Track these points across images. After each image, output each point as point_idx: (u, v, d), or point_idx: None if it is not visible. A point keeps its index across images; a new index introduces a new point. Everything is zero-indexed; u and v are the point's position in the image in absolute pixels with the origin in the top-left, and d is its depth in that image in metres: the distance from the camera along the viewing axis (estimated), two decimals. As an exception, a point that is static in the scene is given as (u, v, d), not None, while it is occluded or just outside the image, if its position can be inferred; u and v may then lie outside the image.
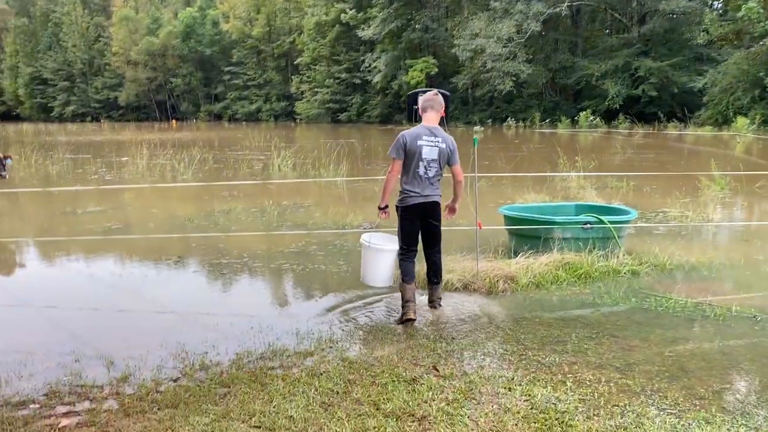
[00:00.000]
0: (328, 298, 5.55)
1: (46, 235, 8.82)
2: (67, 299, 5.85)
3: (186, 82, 68.75)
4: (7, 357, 4.29)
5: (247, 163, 18.22)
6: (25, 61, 76.20)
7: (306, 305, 5.41)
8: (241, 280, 6.38)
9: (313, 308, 5.29)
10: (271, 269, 6.67)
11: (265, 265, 6.86)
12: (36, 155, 19.47)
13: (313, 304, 5.43)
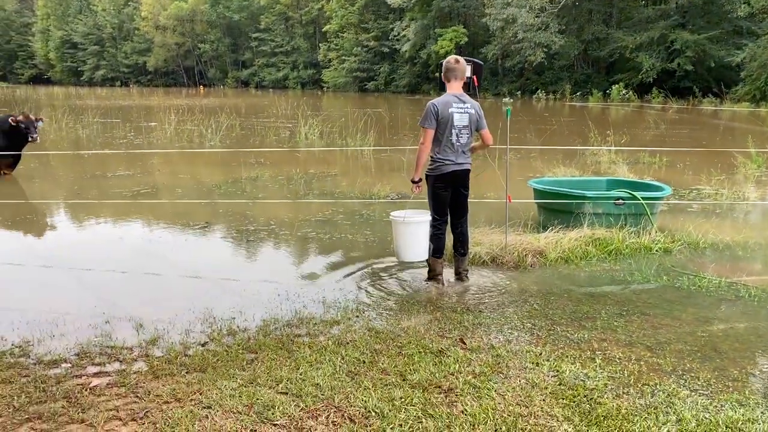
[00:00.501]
0: (354, 267, 5.54)
1: (76, 197, 8.93)
2: (96, 261, 5.91)
3: (214, 48, 68.68)
4: (39, 316, 4.37)
5: (274, 131, 18.19)
6: (56, 24, 76.68)
7: (332, 274, 5.40)
8: (267, 247, 6.40)
9: (338, 277, 5.29)
10: (297, 237, 6.67)
11: (291, 232, 6.86)
12: (66, 119, 19.69)
13: (339, 273, 5.42)
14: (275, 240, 6.64)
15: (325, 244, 6.39)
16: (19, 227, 7.33)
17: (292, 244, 6.49)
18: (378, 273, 5.37)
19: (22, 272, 5.62)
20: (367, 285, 5.06)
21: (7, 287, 5.14)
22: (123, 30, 74.09)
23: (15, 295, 4.92)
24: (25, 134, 9.99)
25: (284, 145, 15.12)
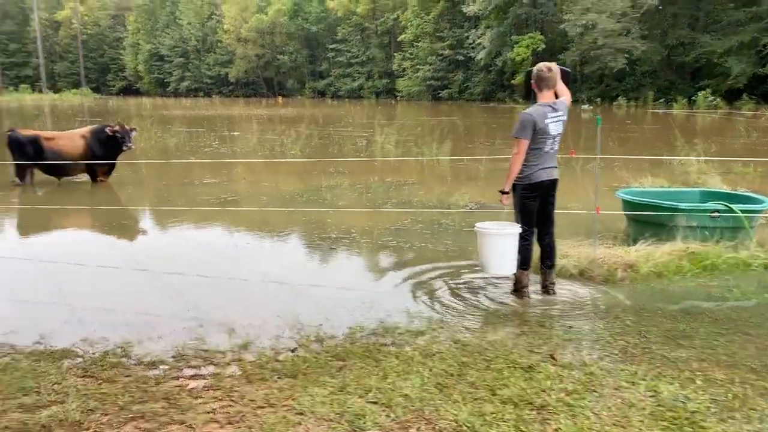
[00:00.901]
0: (436, 277, 5.51)
1: (166, 204, 9.33)
2: (186, 266, 6.15)
3: (292, 59, 70.40)
4: (136, 318, 4.58)
5: (351, 140, 18.46)
6: (145, 38, 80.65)
7: (413, 283, 5.39)
8: (349, 255, 6.47)
9: (420, 287, 5.27)
10: (378, 245, 6.71)
11: (372, 241, 6.91)
12: (155, 128, 20.68)
13: (420, 282, 5.40)
14: (356, 248, 6.71)
15: (405, 253, 6.40)
16: (114, 232, 7.72)
17: (372, 253, 6.53)
18: (460, 284, 5.33)
19: (118, 275, 5.90)
20: (449, 295, 5.03)
21: (105, 289, 5.41)
22: (206, 43, 77.07)
23: (113, 298, 5.17)
24: (120, 143, 10.56)
25: (361, 154, 15.30)
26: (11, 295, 5.33)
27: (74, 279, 5.82)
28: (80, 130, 11.17)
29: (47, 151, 10.48)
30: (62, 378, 3.49)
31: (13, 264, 6.40)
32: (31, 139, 10.53)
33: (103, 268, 6.12)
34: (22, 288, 5.50)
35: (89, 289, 5.44)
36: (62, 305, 4.98)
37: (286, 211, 8.39)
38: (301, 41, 69.93)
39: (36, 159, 10.48)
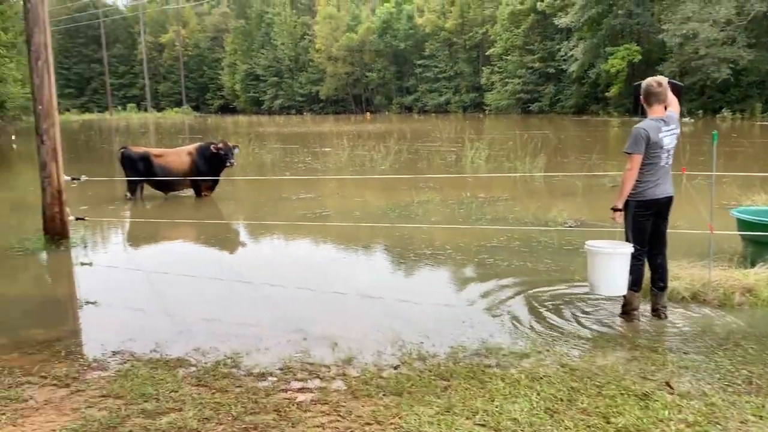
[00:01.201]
0: (537, 296, 5.37)
1: (263, 218, 9.63)
2: (285, 279, 6.31)
3: (380, 76, 71.49)
4: (243, 330, 4.74)
5: (440, 155, 18.46)
6: (242, 59, 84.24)
7: (513, 302, 5.28)
8: (446, 272, 6.43)
9: (522, 306, 5.15)
10: (475, 263, 6.63)
11: (468, 258, 6.84)
12: (252, 145, 21.49)
13: (521, 302, 5.28)
14: (453, 265, 6.66)
15: (504, 271, 6.29)
16: (217, 245, 8.04)
17: (469, 270, 6.46)
18: (564, 304, 5.17)
19: (222, 287, 6.13)
20: (552, 316, 4.88)
21: (211, 300, 5.64)
22: (299, 62, 79.57)
23: (219, 308, 5.37)
24: (224, 160, 11.04)
25: (451, 169, 15.25)
26: (125, 303, 5.66)
27: (182, 289, 6.11)
28: (187, 147, 11.77)
29: (156, 167, 11.11)
30: (178, 386, 3.65)
31: (125, 274, 6.80)
32: (142, 155, 11.20)
33: (208, 280, 6.39)
34: (135, 297, 5.82)
35: (196, 300, 5.68)
36: (173, 315, 5.24)
37: (380, 226, 8.45)
38: (389, 58, 70.89)
39: (146, 174, 11.14)
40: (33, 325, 4.96)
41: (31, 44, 7.32)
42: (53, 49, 7.73)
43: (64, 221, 7.70)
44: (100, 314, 5.39)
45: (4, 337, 4.62)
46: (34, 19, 7.25)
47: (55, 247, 7.48)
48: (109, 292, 5.99)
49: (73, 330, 4.94)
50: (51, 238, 7.58)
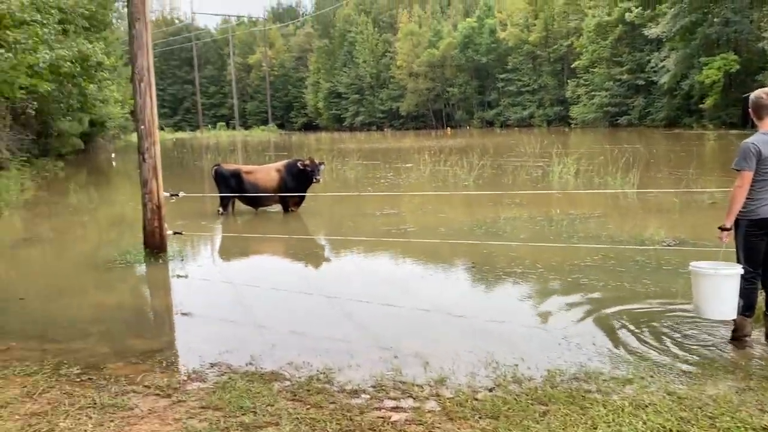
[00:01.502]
0: (637, 320, 5.11)
1: (349, 234, 9.72)
2: (371, 295, 6.32)
3: (462, 91, 71.32)
4: (333, 345, 4.76)
5: (525, 170, 18.10)
6: (325, 77, 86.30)
7: (612, 325, 5.04)
8: (538, 292, 6.24)
9: (621, 330, 4.91)
10: (568, 283, 6.40)
11: (561, 277, 6.62)
12: (335, 161, 21.87)
13: (621, 325, 5.03)
14: (545, 285, 6.46)
15: (599, 291, 6.03)
16: (304, 260, 8.17)
17: (564, 290, 6.24)
18: (666, 327, 4.89)
19: (310, 302, 6.20)
20: (654, 341, 4.62)
21: (300, 315, 5.71)
22: (380, 79, 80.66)
23: (308, 323, 5.44)
24: (310, 176, 11.27)
25: (538, 185, 14.91)
26: (219, 315, 5.83)
27: (271, 303, 6.24)
28: (275, 164, 12.10)
29: (246, 184, 11.48)
30: (274, 400, 3.69)
31: (218, 287, 7.02)
32: (233, 172, 11.61)
33: (296, 294, 6.49)
34: (228, 310, 5.99)
35: (286, 314, 5.78)
36: (265, 328, 5.35)
37: (468, 243, 8.34)
38: (470, 72, 70.65)
39: (237, 190, 11.52)
40: (134, 334, 5.19)
41: (135, 67, 7.75)
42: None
43: (162, 235, 8.05)
44: (196, 326, 5.58)
45: (108, 345, 4.85)
46: (139, 43, 7.68)
47: (153, 260, 7.83)
48: (204, 304, 6.19)
49: (171, 341, 5.13)
50: (150, 251, 7.94)
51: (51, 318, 5.68)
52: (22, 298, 6.35)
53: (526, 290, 6.27)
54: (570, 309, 5.56)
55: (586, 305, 5.62)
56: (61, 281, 7.19)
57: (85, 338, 5.06)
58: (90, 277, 7.34)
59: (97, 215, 12.92)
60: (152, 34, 7.97)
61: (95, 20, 35.87)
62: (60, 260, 8.54)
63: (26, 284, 7.07)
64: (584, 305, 5.62)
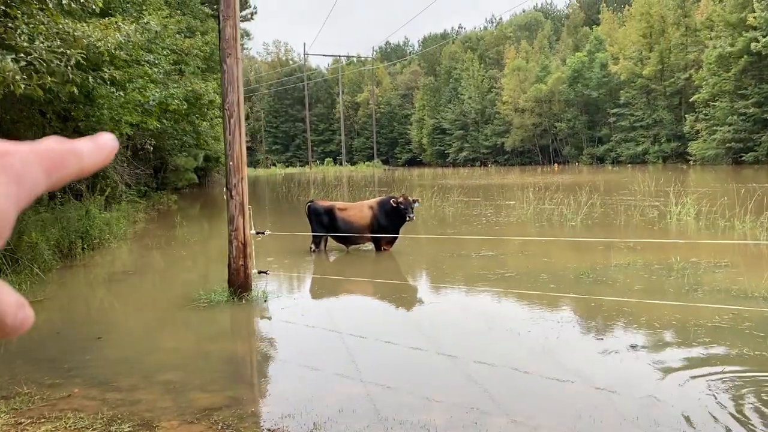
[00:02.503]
0: (787, 403, 4.12)
1: (444, 277, 9.11)
2: (468, 349, 5.66)
3: (570, 126, 69.21)
4: (429, 406, 4.15)
5: (639, 210, 16.71)
6: (430, 113, 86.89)
7: (754, 404, 4.09)
8: (655, 356, 5.31)
9: (765, 410, 3.96)
10: (694, 347, 5.42)
11: (683, 340, 5.64)
12: (434, 197, 21.36)
13: (764, 404, 4.07)
14: (663, 347, 5.51)
15: (733, 360, 5.03)
16: (394, 304, 7.62)
17: (686, 356, 5.27)
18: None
19: (400, 350, 5.62)
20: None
21: (391, 365, 5.14)
22: (485, 115, 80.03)
23: (402, 375, 4.87)
24: (403, 214, 10.80)
25: (654, 227, 13.63)
26: (296, 363, 5.38)
27: (358, 353, 5.71)
28: (369, 201, 11.75)
29: (339, 221, 11.18)
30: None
31: (301, 331, 6.60)
32: (326, 209, 11.36)
33: (384, 343, 5.95)
34: (309, 357, 5.53)
35: (372, 369, 5.22)
36: (349, 378, 4.84)
37: (575, 297, 7.47)
38: (579, 107, 68.49)
39: (330, 227, 11.25)
40: (200, 386, 4.82)
41: (225, 102, 7.65)
42: (264, 110, 8.10)
43: (247, 274, 7.81)
44: (267, 377, 5.15)
45: (170, 398, 4.50)
46: (230, 79, 7.58)
47: (237, 300, 7.57)
48: (283, 350, 5.80)
49: (236, 397, 4.69)
50: (234, 290, 7.70)
51: (122, 362, 5.47)
52: (99, 338, 6.23)
53: (641, 354, 5.35)
54: (695, 379, 4.62)
55: (716, 376, 4.65)
56: (141, 321, 7.07)
57: (149, 387, 4.76)
58: (171, 317, 7.17)
59: (195, 250, 13.07)
60: (268, 75, 7.92)
61: (212, 61, 38.01)
62: (146, 297, 8.51)
63: (108, 322, 7.00)
64: (714, 376, 4.66)
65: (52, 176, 0.43)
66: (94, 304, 8.21)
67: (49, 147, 0.43)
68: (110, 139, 0.48)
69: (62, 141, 0.45)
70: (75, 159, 0.44)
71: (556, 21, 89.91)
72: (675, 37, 58.39)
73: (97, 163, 0.46)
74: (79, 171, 0.45)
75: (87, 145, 0.46)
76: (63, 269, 10.59)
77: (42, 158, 0.42)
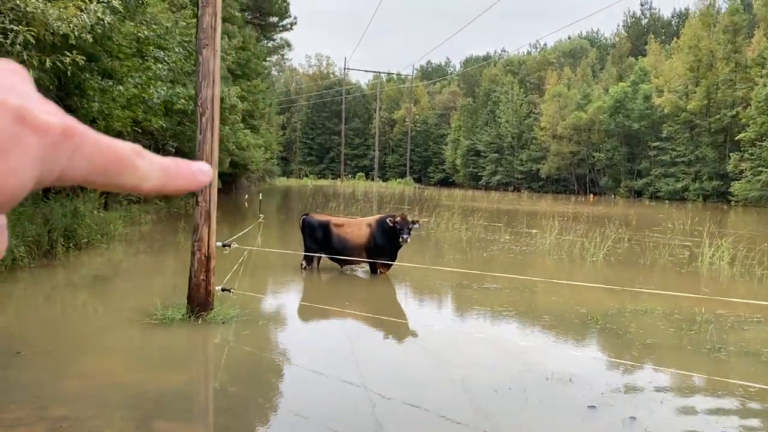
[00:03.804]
0: None
1: (438, 310, 8.17)
2: (415, 397, 4.73)
3: (608, 157, 67.32)
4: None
5: (669, 249, 15.48)
6: (465, 135, 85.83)
7: None
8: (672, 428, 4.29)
9: None
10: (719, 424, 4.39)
11: (713, 418, 4.60)
12: (454, 219, 20.37)
13: None
14: (667, 427, 4.49)
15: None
16: (377, 342, 6.72)
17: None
18: None
19: (365, 398, 4.71)
20: None
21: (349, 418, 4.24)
22: (521, 139, 78.63)
23: None
24: (398, 235, 9.89)
25: (681, 269, 12.45)
26: (255, 400, 4.51)
27: (319, 394, 4.82)
28: (368, 218, 10.89)
29: (334, 237, 10.34)
30: None
31: (260, 361, 5.72)
32: (322, 223, 10.53)
33: (352, 386, 5.03)
34: (262, 394, 4.66)
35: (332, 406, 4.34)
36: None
37: (574, 348, 6.46)
38: (620, 138, 66.65)
39: (324, 243, 10.41)
40: (91, 430, 3.98)
41: (198, 98, 6.90)
42: (302, 122, 7.33)
43: (209, 291, 7.00)
44: (230, 409, 4.30)
45: None
46: (204, 72, 6.83)
47: (193, 319, 6.76)
48: (228, 384, 4.94)
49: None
50: (192, 308, 6.89)
51: (24, 386, 4.67)
52: (19, 352, 5.45)
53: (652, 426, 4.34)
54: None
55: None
56: (78, 336, 6.32)
57: (33, 425, 3.95)
58: (112, 333, 6.41)
59: (183, 258, 12.33)
60: (308, 86, 7.12)
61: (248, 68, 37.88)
62: (103, 307, 7.77)
63: (41, 335, 6.24)
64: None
65: (90, 176, 0.37)
66: (43, 311, 7.48)
67: (114, 146, 0.38)
68: (200, 171, 0.42)
69: (139, 150, 0.40)
70: (132, 172, 0.39)
71: (602, 49, 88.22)
72: (724, 72, 56.34)
73: (161, 187, 0.41)
74: (134, 188, 0.40)
75: (162, 166, 0.41)
76: (39, 267, 9.98)
77: (97, 154, 0.37)
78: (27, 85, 0.37)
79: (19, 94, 0.35)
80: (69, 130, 0.36)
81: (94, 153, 0.37)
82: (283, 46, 63.96)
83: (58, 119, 0.36)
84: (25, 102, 0.35)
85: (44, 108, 0.36)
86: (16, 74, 0.37)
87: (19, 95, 0.35)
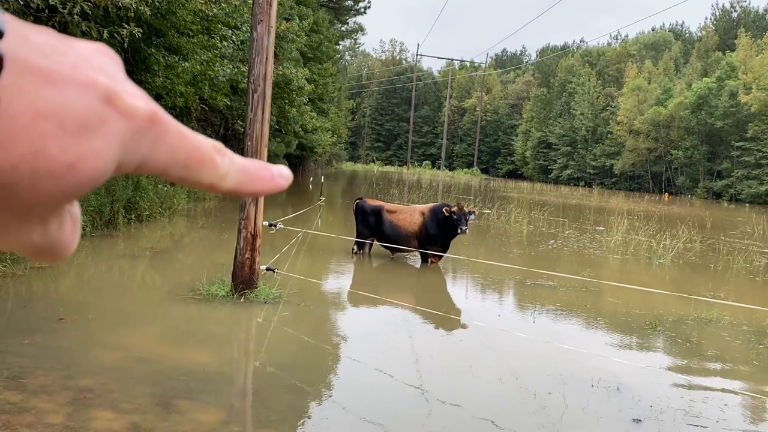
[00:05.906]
0: None
1: (487, 311, 7.88)
2: (459, 398, 4.50)
3: (687, 155, 64.23)
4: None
5: (745, 256, 14.53)
6: (537, 126, 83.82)
7: None
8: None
9: None
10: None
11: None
12: (518, 211, 19.84)
13: None
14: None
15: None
16: (413, 335, 6.52)
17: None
18: None
19: (409, 398, 4.54)
20: None
21: (384, 406, 4.09)
22: (596, 133, 76.10)
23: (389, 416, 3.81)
24: (455, 225, 9.62)
25: (756, 277, 11.63)
26: (292, 379, 4.42)
27: (351, 378, 4.68)
28: (422, 206, 10.66)
29: (386, 224, 10.18)
30: None
31: (301, 342, 5.63)
32: (374, 209, 10.37)
33: (388, 377, 4.88)
34: (297, 376, 4.57)
35: (369, 397, 4.20)
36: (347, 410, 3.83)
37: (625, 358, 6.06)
38: (700, 136, 63.43)
39: (376, 229, 10.27)
40: (112, 402, 3.96)
41: (250, 75, 6.83)
42: (371, 107, 7.24)
43: (254, 269, 6.97)
44: (258, 392, 4.25)
45: (63, 414, 3.67)
46: (258, 48, 6.75)
47: (236, 297, 6.74)
48: (279, 364, 4.88)
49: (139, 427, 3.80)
50: (236, 286, 6.88)
51: (55, 353, 4.73)
52: (61, 319, 5.56)
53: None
54: None
55: None
56: (121, 306, 6.39)
57: (55, 393, 3.97)
58: (155, 305, 6.45)
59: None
60: (379, 72, 7.03)
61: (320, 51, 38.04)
62: (150, 279, 7.88)
63: (86, 302, 6.36)
64: None
65: (171, 168, 0.36)
66: (94, 280, 7.65)
67: (197, 140, 0.37)
68: (279, 174, 0.42)
69: (219, 147, 0.39)
70: (211, 169, 0.38)
71: (687, 43, 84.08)
72: (821, 69, 52.69)
73: (238, 189, 0.40)
74: (211, 186, 0.38)
75: (242, 166, 0.39)
76: (99, 237, 10.27)
77: (180, 145, 0.36)
78: (117, 68, 0.35)
79: (109, 76, 0.33)
80: (155, 117, 0.34)
81: (177, 144, 0.36)
82: (356, 31, 63.85)
83: (145, 104, 0.34)
84: (114, 84, 0.33)
85: (133, 91, 0.34)
86: (107, 56, 0.35)
87: (109, 77, 0.33)
